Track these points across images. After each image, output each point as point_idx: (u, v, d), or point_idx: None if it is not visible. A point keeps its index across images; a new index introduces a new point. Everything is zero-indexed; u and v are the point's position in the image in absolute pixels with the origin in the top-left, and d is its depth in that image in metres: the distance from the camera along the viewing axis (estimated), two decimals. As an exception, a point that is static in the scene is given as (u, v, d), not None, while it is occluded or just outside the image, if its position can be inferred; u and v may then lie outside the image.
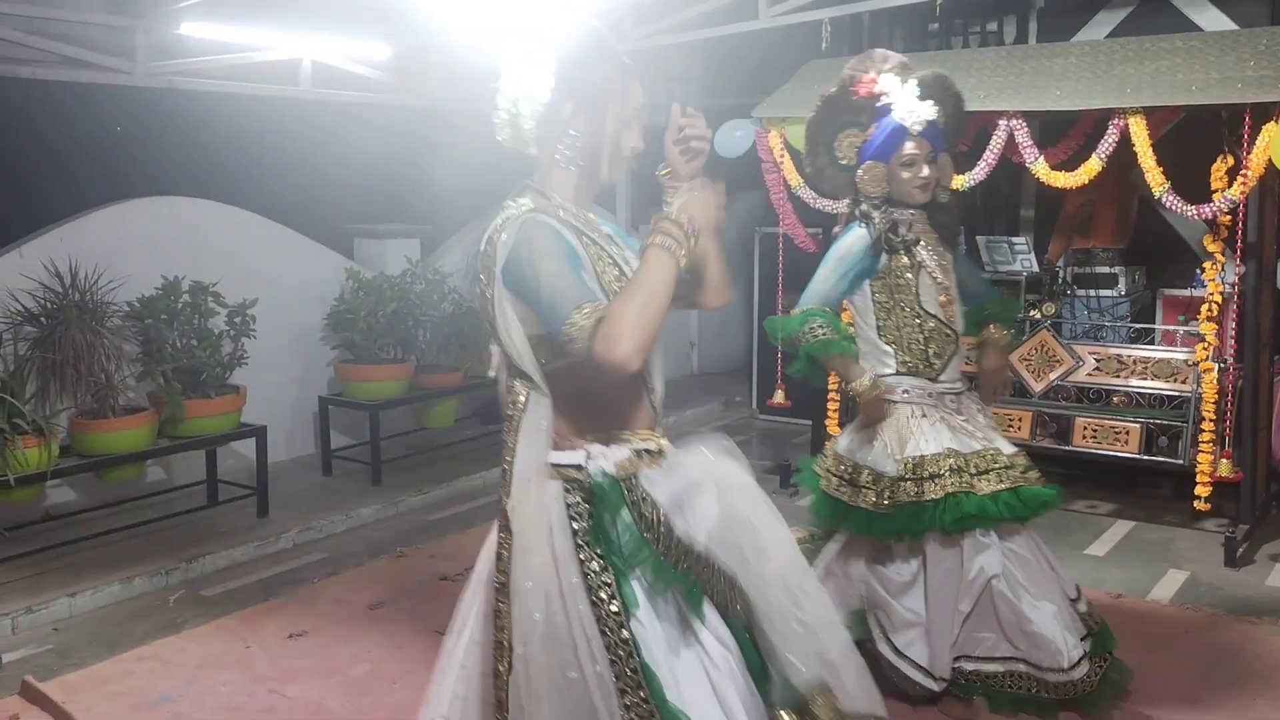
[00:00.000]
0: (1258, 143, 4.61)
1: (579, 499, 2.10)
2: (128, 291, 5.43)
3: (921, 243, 3.57)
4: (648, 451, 2.15)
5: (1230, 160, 4.86)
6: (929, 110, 3.50)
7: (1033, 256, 6.56)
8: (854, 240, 3.56)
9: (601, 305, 1.99)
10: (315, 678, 3.96)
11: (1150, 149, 4.84)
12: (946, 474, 3.35)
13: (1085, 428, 5.63)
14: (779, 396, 6.33)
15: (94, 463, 5.10)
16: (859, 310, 3.65)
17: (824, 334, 3.44)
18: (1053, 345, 5.91)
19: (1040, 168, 5.13)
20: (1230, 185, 4.76)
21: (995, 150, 5.21)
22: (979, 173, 5.29)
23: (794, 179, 5.82)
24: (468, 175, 7.67)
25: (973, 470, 3.38)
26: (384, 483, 6.23)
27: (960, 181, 5.33)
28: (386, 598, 4.70)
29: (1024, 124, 5.12)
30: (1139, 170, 4.92)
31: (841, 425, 5.20)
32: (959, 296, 3.64)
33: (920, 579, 3.48)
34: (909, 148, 3.50)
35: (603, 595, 2.04)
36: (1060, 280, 6.65)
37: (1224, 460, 5.01)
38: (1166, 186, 4.84)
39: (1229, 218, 4.87)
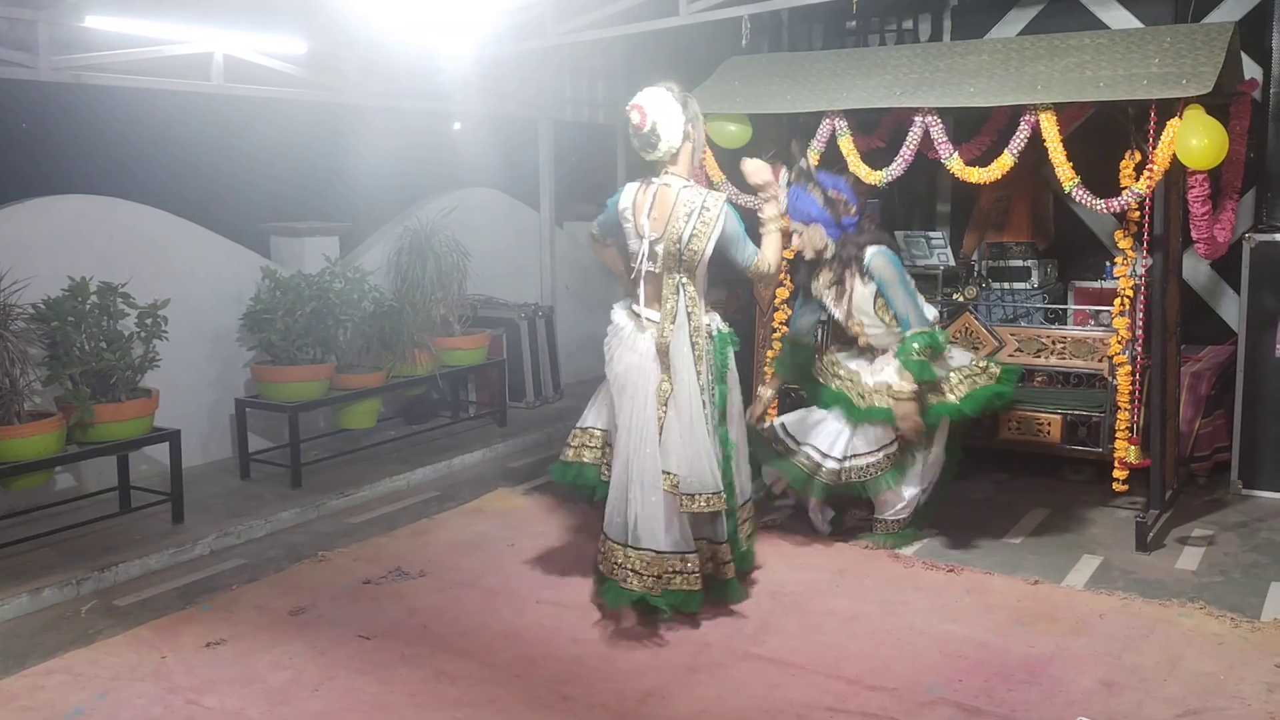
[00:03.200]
0: (1163, 138, 4.74)
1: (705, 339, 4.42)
2: (32, 293, 5.25)
3: (821, 290, 5.20)
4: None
5: (1137, 155, 5.00)
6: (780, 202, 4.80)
7: (949, 251, 6.69)
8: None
9: (759, 255, 4.44)
10: (234, 687, 3.87)
11: (1060, 144, 4.95)
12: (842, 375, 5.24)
13: (1009, 420, 5.77)
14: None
15: (-1, 471, 4.93)
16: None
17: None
18: (976, 327, 6.04)
19: (955, 164, 5.22)
20: (1138, 180, 4.89)
21: (911, 146, 5.28)
22: (896, 169, 5.35)
23: (716, 175, 5.84)
24: (386, 172, 7.58)
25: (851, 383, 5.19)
26: (304, 486, 6.12)
27: (878, 177, 5.40)
28: (308, 603, 4.61)
29: (939, 120, 5.19)
30: (1051, 166, 5.03)
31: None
32: (896, 317, 5.05)
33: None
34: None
35: (706, 388, 4.35)
36: (975, 273, 6.79)
37: (1132, 447, 5.16)
38: (1077, 181, 4.96)
39: (1137, 212, 5.00)
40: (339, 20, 6.17)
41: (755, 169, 4.56)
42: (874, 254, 4.97)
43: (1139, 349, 5.25)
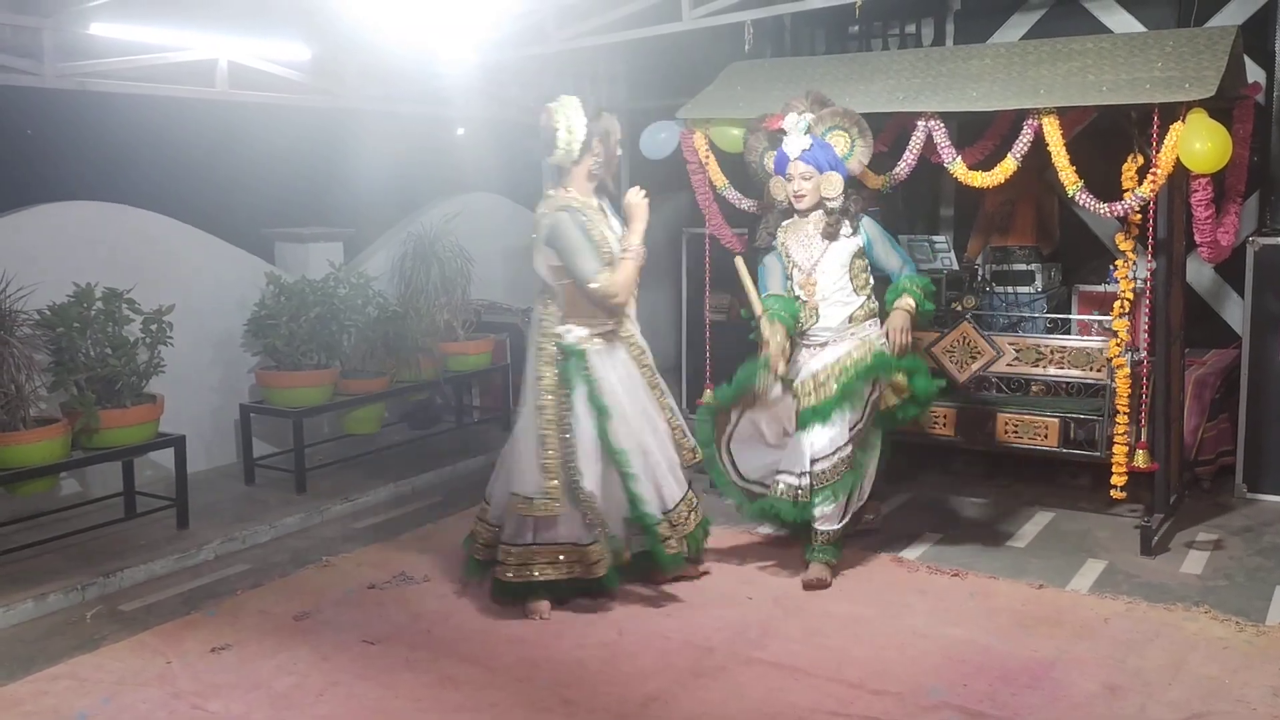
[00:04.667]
0: (1166, 142, 4.73)
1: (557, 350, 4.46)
2: (38, 299, 5.27)
3: (787, 240, 4.98)
4: (600, 333, 4.50)
5: (1140, 159, 4.99)
6: (803, 141, 4.79)
7: (953, 255, 6.68)
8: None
9: (605, 275, 4.34)
10: (239, 692, 3.88)
11: (1064, 148, 4.95)
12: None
13: (1007, 423, 5.75)
14: (707, 396, 6.35)
15: (5, 476, 4.93)
16: None
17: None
18: (974, 337, 6.01)
19: (958, 168, 5.22)
20: (1141, 184, 4.89)
21: (914, 150, 5.28)
22: (899, 172, 5.36)
23: (719, 180, 5.84)
24: (391, 176, 7.60)
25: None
26: (309, 491, 6.13)
27: (881, 181, 5.40)
28: (312, 608, 4.62)
29: (942, 125, 5.20)
30: (1055, 170, 5.03)
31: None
32: (890, 270, 4.95)
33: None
34: (789, 168, 4.84)
35: (554, 396, 4.44)
36: (979, 278, 6.78)
37: (1140, 451, 5.14)
38: (1080, 185, 4.95)
39: (1140, 215, 5.00)
40: (342, 26, 6.19)
41: (635, 203, 4.52)
42: (867, 216, 4.97)
43: (1144, 352, 5.24)
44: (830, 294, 4.88)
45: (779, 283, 5.05)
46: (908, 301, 4.81)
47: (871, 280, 4.96)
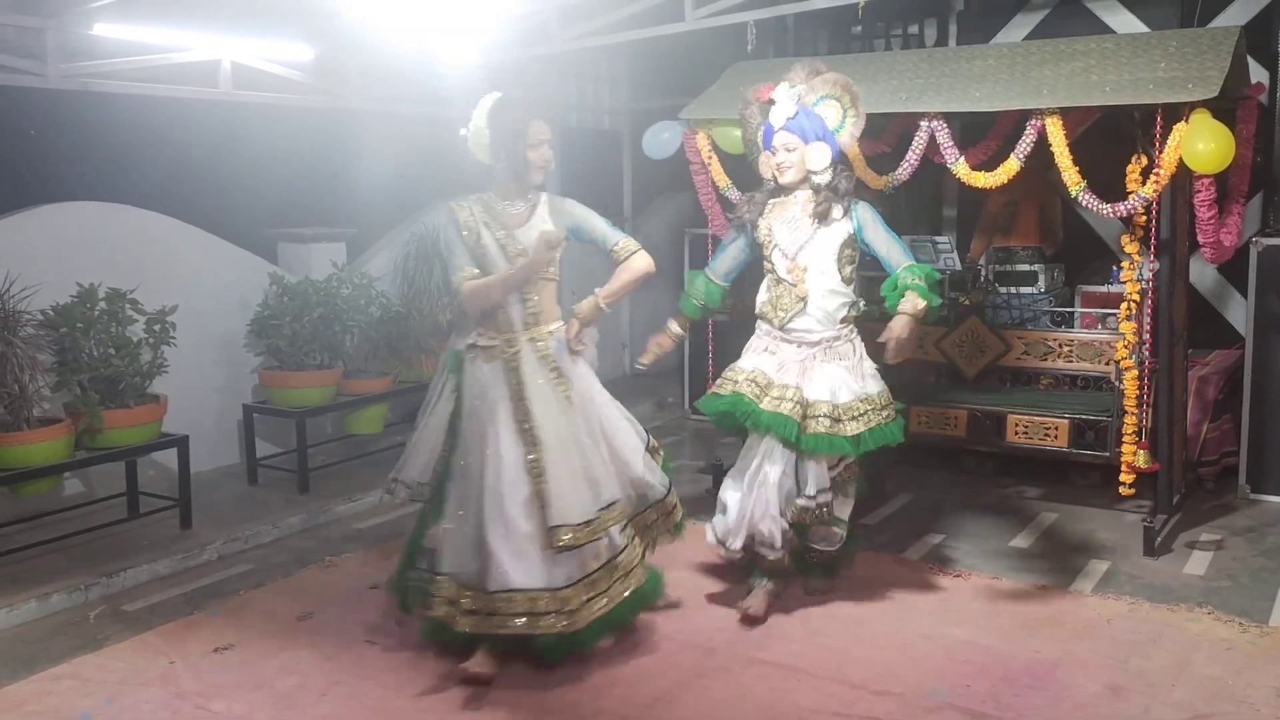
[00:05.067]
0: (1169, 142, 4.73)
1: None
2: (41, 299, 5.28)
3: (772, 221, 4.49)
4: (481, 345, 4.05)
5: (1144, 160, 4.98)
6: (788, 109, 4.34)
7: (955, 255, 6.68)
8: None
9: (470, 280, 4.00)
10: (242, 692, 3.88)
11: (1067, 149, 4.94)
12: (741, 381, 4.36)
13: (1017, 424, 5.75)
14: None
15: (8, 476, 4.93)
16: None
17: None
18: (983, 331, 6.03)
19: (961, 168, 5.21)
20: (1144, 184, 4.88)
21: (917, 151, 5.28)
22: (902, 173, 5.35)
23: (722, 180, 5.84)
24: (393, 177, 7.59)
25: (771, 393, 4.30)
26: (312, 491, 6.13)
27: (884, 182, 5.39)
28: (315, 609, 4.62)
29: (945, 125, 5.19)
30: (1058, 170, 5.02)
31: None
32: (886, 266, 4.43)
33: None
34: (774, 140, 4.41)
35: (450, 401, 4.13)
36: (982, 278, 6.78)
37: (1141, 452, 5.14)
38: (1083, 186, 4.95)
39: (1144, 216, 4.99)
40: (344, 26, 6.19)
41: (545, 242, 3.89)
42: (861, 200, 4.50)
43: (1146, 353, 5.24)
44: (819, 281, 4.40)
45: (728, 265, 4.72)
46: (914, 304, 4.23)
47: (855, 278, 4.52)
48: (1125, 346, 5.19)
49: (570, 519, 3.84)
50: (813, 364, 4.37)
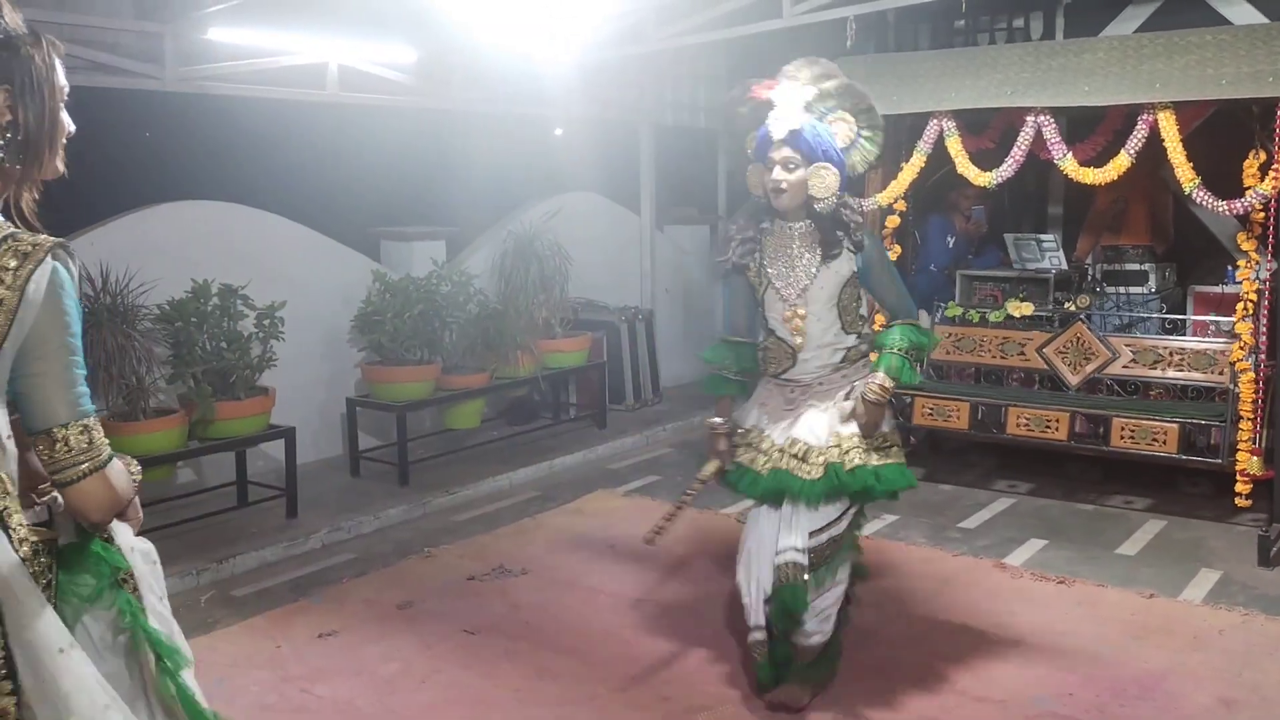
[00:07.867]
0: (1290, 137, 4.56)
1: None
2: (158, 295, 5.48)
3: (763, 253, 3.67)
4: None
5: (1262, 155, 4.81)
6: (793, 119, 3.51)
7: (1061, 254, 6.53)
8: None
9: None
10: (345, 677, 3.98)
11: (1180, 144, 4.80)
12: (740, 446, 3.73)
13: (1123, 428, 5.56)
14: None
15: (126, 464, 5.13)
16: None
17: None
18: (1088, 338, 5.84)
19: (1068, 164, 5.09)
20: (1262, 180, 4.71)
21: (1023, 147, 5.18)
22: (1006, 169, 5.25)
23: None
24: (492, 176, 7.71)
25: (760, 448, 3.68)
26: (411, 483, 6.26)
27: (987, 179, 5.30)
28: (415, 598, 4.72)
29: (1052, 120, 5.08)
30: (1170, 166, 4.87)
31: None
32: (884, 305, 3.78)
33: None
34: (771, 152, 3.56)
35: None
36: (1089, 278, 6.60)
37: (1254, 458, 4.95)
38: (1197, 182, 4.80)
39: (1261, 213, 4.81)
40: (445, 28, 6.29)
41: None
42: (870, 234, 3.74)
43: (1262, 357, 5.04)
44: (817, 334, 3.64)
45: (744, 316, 3.78)
46: (883, 386, 3.54)
47: (864, 312, 3.77)
48: (1241, 349, 5.01)
49: None
50: (805, 398, 3.70)
